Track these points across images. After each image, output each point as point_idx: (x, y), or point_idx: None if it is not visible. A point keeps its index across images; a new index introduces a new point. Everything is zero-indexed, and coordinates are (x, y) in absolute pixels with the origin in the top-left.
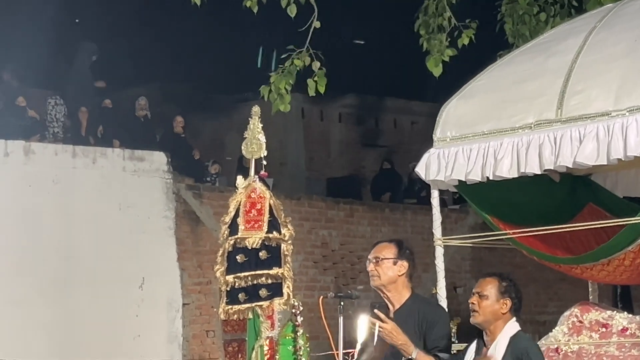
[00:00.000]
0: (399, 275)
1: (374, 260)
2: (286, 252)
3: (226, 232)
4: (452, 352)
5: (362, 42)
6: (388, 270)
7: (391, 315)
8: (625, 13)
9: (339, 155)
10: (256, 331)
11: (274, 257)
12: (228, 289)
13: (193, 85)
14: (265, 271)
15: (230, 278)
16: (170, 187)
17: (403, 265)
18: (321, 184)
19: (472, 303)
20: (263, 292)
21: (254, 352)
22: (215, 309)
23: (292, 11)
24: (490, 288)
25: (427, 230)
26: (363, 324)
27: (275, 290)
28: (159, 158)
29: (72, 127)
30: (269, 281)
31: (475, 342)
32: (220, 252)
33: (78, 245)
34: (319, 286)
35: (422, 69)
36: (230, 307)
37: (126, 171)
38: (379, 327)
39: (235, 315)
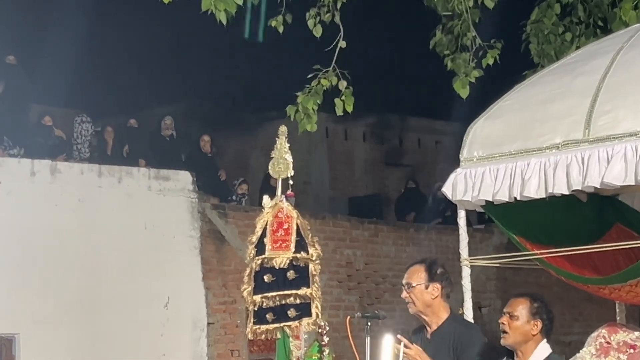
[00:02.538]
0: (433, 299)
1: (406, 287)
2: (314, 272)
3: (253, 251)
4: None
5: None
6: (421, 295)
7: (428, 336)
8: None
9: (362, 175)
10: (286, 351)
11: (302, 277)
12: (255, 308)
13: (218, 104)
14: (294, 291)
15: (257, 298)
16: (195, 207)
17: (435, 287)
18: (344, 203)
19: (503, 323)
20: (291, 312)
21: None
22: (240, 329)
23: (318, 32)
24: (522, 309)
25: (451, 250)
26: (387, 345)
27: (303, 310)
28: (184, 177)
29: (98, 146)
30: (298, 301)
31: None
32: (247, 271)
33: (103, 265)
34: (344, 305)
35: (446, 88)
36: (258, 327)
37: (151, 190)
38: (404, 352)
39: (263, 335)
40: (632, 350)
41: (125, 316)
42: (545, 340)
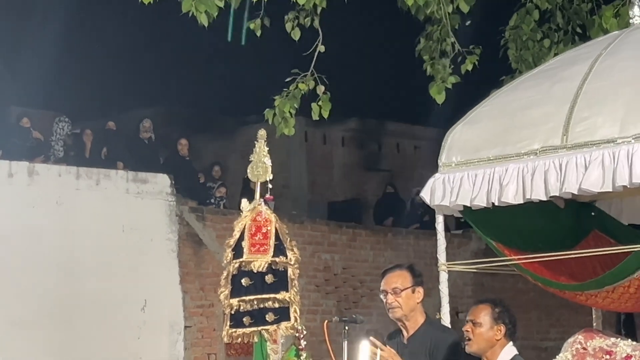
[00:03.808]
0: (418, 302)
1: (392, 292)
2: (293, 276)
3: (230, 255)
4: None
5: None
6: (409, 299)
7: (405, 341)
8: (631, 40)
9: (341, 179)
10: (263, 355)
11: (281, 281)
12: (232, 312)
13: (197, 108)
14: (272, 295)
15: (234, 301)
16: (173, 210)
17: (420, 291)
18: (323, 208)
19: (467, 331)
20: (270, 316)
21: None
22: (217, 332)
23: (296, 35)
24: (484, 315)
25: (429, 255)
26: (364, 350)
27: (282, 314)
28: (163, 180)
29: (77, 148)
30: (276, 305)
31: None
32: (225, 275)
33: (81, 267)
34: (321, 310)
35: (425, 93)
36: (234, 330)
37: (129, 193)
38: (378, 354)
39: (240, 339)
40: (608, 356)
41: (102, 318)
42: (511, 343)
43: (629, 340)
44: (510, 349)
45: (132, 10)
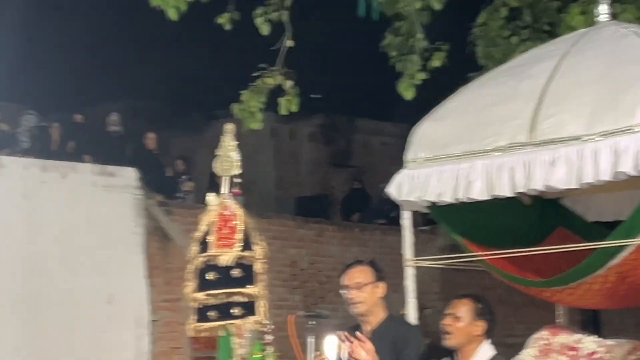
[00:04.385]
0: (380, 298)
1: (355, 287)
2: (260, 271)
3: (196, 249)
4: None
5: (319, 96)
6: (371, 294)
7: (367, 335)
8: (598, 38)
9: (308, 175)
10: (229, 349)
11: (248, 275)
12: (198, 306)
13: (164, 102)
14: (239, 289)
15: (200, 295)
16: (140, 204)
17: (382, 286)
18: (291, 203)
19: (446, 324)
20: (236, 311)
21: None
22: (183, 326)
23: (265, 30)
24: (465, 310)
25: (396, 251)
26: (330, 344)
27: (249, 308)
28: (129, 174)
29: (43, 141)
30: (243, 299)
31: None
32: (190, 269)
33: (46, 260)
34: (288, 305)
35: (392, 90)
36: (199, 324)
37: (96, 186)
38: (353, 346)
39: (205, 333)
40: (573, 352)
41: (68, 312)
42: (489, 340)
43: (594, 336)
44: (489, 347)
45: (100, 3)
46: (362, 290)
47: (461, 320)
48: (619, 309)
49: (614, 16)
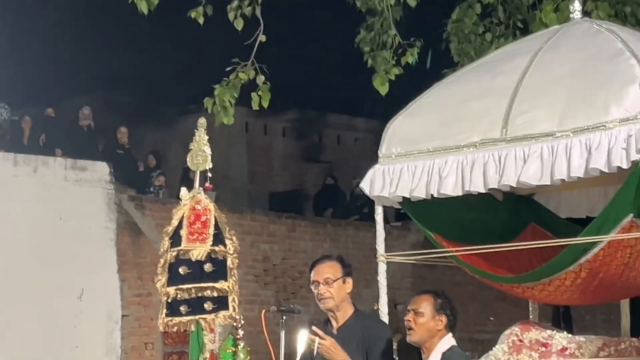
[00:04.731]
0: (348, 293)
1: (324, 282)
2: (232, 266)
3: (168, 243)
4: None
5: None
6: (340, 290)
7: (334, 332)
8: (570, 35)
9: (281, 170)
10: (199, 344)
11: (220, 270)
12: (169, 300)
13: (137, 97)
14: (211, 284)
15: (171, 290)
16: (112, 198)
17: (349, 281)
18: (264, 198)
19: (408, 320)
20: (208, 305)
21: None
22: (154, 321)
23: (239, 24)
24: (426, 305)
25: (368, 247)
26: (302, 339)
27: (220, 303)
28: (101, 168)
29: (15, 135)
30: (215, 294)
31: None
32: (162, 263)
33: (17, 254)
34: (260, 300)
35: (365, 85)
36: (170, 319)
37: (68, 181)
38: (318, 343)
39: (176, 328)
40: (544, 348)
41: (39, 307)
42: (450, 334)
43: (565, 332)
44: (449, 340)
45: None
46: (332, 286)
47: (423, 316)
48: (590, 305)
49: (587, 13)
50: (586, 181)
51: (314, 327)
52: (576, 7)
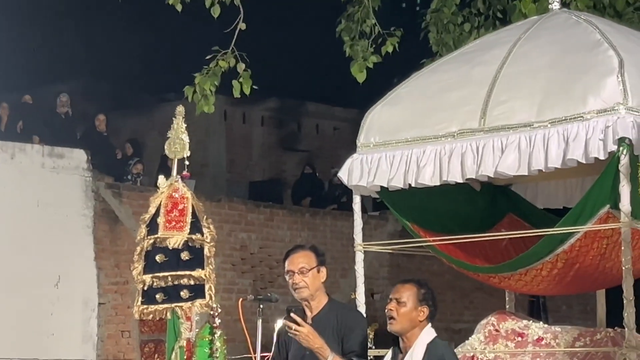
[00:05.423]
0: (323, 282)
1: (299, 272)
2: (208, 254)
3: (145, 231)
4: (369, 358)
5: None
6: (314, 279)
7: (309, 320)
8: (549, 26)
9: (260, 159)
10: (176, 332)
11: (197, 258)
12: (145, 288)
13: (115, 84)
14: (187, 272)
15: (147, 277)
16: (89, 185)
17: (323, 271)
18: (243, 187)
19: (390, 309)
20: (184, 293)
21: (173, 353)
22: (131, 309)
23: (216, 12)
24: (409, 295)
25: (346, 236)
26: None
27: (197, 291)
28: (79, 155)
29: None
30: (191, 282)
31: (391, 350)
32: (138, 250)
33: None
34: (237, 289)
35: (345, 74)
36: (145, 306)
37: (45, 168)
38: (295, 330)
39: (151, 315)
40: (520, 338)
41: (15, 294)
42: (430, 324)
43: (541, 323)
44: (430, 331)
45: None
46: (306, 275)
47: (405, 306)
48: (567, 295)
49: (566, 4)
50: (563, 172)
51: (292, 314)
52: None
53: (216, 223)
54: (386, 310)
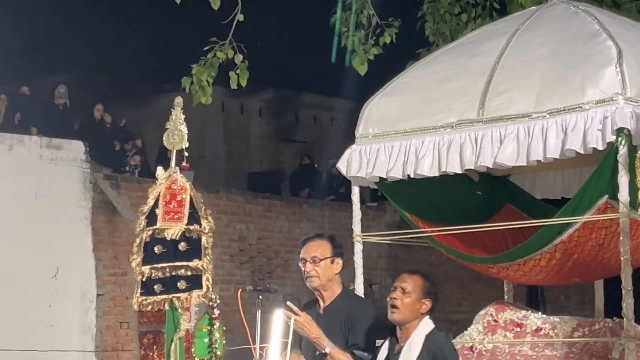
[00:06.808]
0: (336, 273)
1: (311, 260)
2: (206, 245)
3: (144, 222)
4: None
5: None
6: (327, 269)
7: (321, 311)
8: (547, 16)
9: (258, 150)
10: (175, 323)
11: (194, 249)
12: (144, 279)
13: (113, 75)
14: (185, 263)
15: (146, 269)
16: (87, 177)
17: (338, 262)
18: (241, 178)
19: (395, 298)
20: (182, 284)
21: (173, 344)
22: (129, 300)
23: (216, 4)
24: (415, 286)
25: (344, 227)
26: (278, 320)
27: (194, 282)
28: (77, 147)
29: None
30: (189, 273)
31: (387, 340)
32: (137, 242)
33: None
34: (235, 280)
35: (343, 65)
36: (144, 298)
37: (43, 159)
38: (293, 319)
39: (150, 307)
40: (518, 329)
41: (13, 285)
42: (428, 316)
43: (539, 313)
44: (428, 322)
45: None
46: (318, 265)
47: (410, 296)
48: (564, 285)
49: None
50: (562, 162)
51: (288, 303)
52: None
53: (214, 214)
54: (389, 299)
